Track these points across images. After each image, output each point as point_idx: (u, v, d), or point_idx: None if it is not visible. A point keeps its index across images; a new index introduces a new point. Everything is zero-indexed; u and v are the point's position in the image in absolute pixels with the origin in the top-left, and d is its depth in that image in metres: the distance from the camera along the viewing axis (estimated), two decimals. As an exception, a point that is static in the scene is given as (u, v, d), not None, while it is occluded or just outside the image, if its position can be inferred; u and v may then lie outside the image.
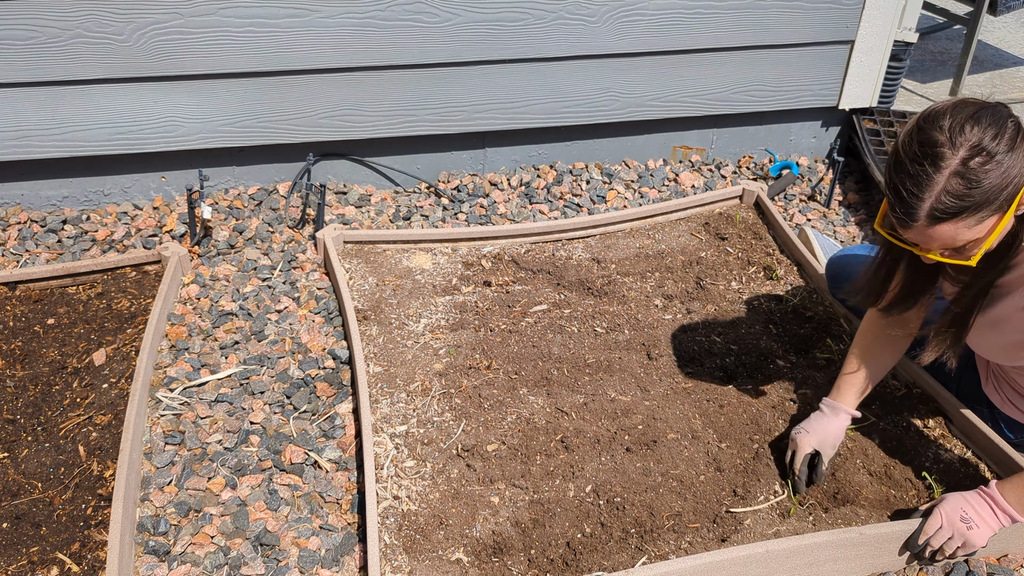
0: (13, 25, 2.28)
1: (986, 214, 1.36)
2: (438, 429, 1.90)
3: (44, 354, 2.07)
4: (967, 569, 1.64)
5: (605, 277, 2.42)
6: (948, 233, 1.38)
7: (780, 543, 1.55)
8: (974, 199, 1.34)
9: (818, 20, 2.86)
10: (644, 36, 2.75)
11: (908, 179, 1.37)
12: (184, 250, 2.37)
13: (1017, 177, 1.34)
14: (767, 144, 3.20)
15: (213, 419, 1.93)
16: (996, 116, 1.35)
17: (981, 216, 1.36)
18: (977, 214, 1.36)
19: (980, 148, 1.33)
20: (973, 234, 1.39)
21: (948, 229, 1.38)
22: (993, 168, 1.33)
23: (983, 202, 1.34)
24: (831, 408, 1.79)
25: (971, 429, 1.86)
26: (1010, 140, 1.34)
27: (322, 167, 2.84)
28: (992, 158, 1.33)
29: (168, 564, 1.61)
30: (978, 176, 1.33)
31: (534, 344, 2.14)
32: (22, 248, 2.49)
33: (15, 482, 1.74)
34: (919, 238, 1.43)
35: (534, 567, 1.61)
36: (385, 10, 2.50)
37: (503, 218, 2.80)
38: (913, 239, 1.45)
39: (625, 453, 1.83)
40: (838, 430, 1.77)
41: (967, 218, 1.36)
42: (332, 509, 1.74)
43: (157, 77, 2.47)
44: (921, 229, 1.40)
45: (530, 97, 2.79)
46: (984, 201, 1.34)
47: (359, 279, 2.40)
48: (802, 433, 1.77)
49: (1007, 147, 1.33)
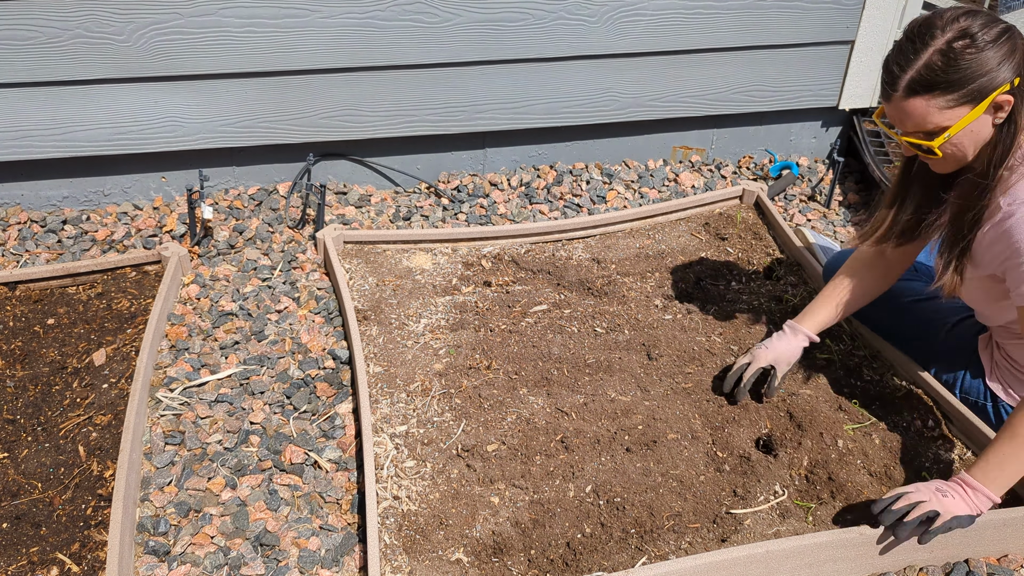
0: (13, 25, 2.28)
1: (958, 98, 1.46)
2: (438, 429, 1.90)
3: (44, 354, 2.07)
4: (967, 569, 1.64)
5: (605, 277, 2.42)
6: (920, 110, 1.49)
7: (780, 543, 1.55)
8: (948, 77, 1.44)
9: (818, 20, 2.86)
10: (644, 36, 2.75)
11: (900, 54, 1.50)
12: (184, 250, 2.37)
13: (993, 71, 1.44)
14: (767, 144, 3.20)
15: (213, 419, 1.93)
16: (991, 17, 1.47)
17: (952, 99, 1.46)
18: (948, 95, 1.46)
19: (966, 33, 1.44)
20: (942, 118, 1.48)
21: (920, 105, 1.49)
22: (974, 53, 1.43)
23: (956, 82, 1.45)
24: (792, 329, 1.93)
25: (971, 429, 1.86)
26: (996, 36, 1.44)
27: (322, 167, 2.84)
28: (974, 43, 1.43)
29: (168, 564, 1.61)
30: (957, 56, 1.43)
31: (534, 344, 2.14)
32: (22, 248, 2.49)
33: (15, 482, 1.74)
34: (896, 114, 1.54)
35: (534, 567, 1.61)
36: (385, 10, 2.50)
37: (503, 218, 2.80)
38: (891, 115, 1.55)
39: (625, 453, 1.83)
40: (795, 349, 1.91)
41: (938, 97, 1.47)
42: (332, 509, 1.74)
43: (157, 77, 2.47)
44: (898, 102, 1.51)
45: (530, 97, 2.79)
46: (957, 81, 1.44)
47: (359, 279, 2.40)
48: (761, 348, 1.92)
49: (991, 40, 1.43)
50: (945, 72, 1.44)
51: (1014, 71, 1.45)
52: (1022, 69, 1.46)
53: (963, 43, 1.43)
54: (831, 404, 1.96)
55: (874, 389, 2.03)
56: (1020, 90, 1.47)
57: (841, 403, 1.97)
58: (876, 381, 2.05)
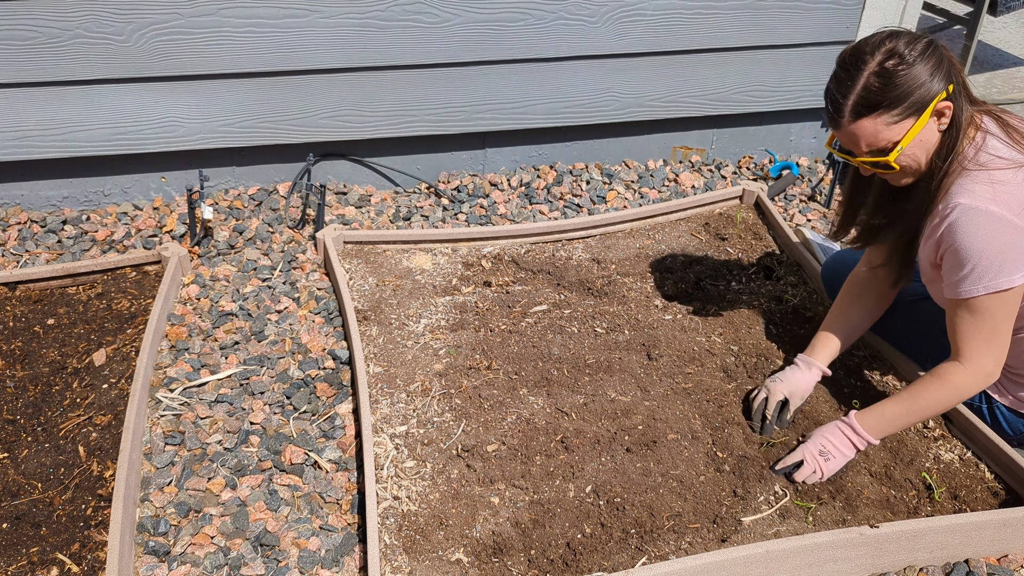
0: (13, 25, 2.28)
1: (901, 112, 1.55)
2: (438, 429, 1.90)
3: (44, 354, 2.07)
4: (967, 569, 1.64)
5: (605, 277, 2.42)
6: (869, 129, 1.58)
7: (780, 543, 1.55)
8: (887, 95, 1.54)
9: (818, 20, 2.86)
10: (644, 36, 2.75)
11: (838, 84, 1.60)
12: (184, 250, 2.37)
13: (928, 82, 1.54)
14: (767, 144, 3.20)
15: (213, 419, 1.93)
16: (912, 35, 1.58)
17: (896, 114, 1.55)
18: (892, 110, 1.55)
19: (894, 53, 1.55)
20: (891, 133, 1.58)
21: (869, 125, 1.57)
22: (905, 69, 1.53)
23: (896, 98, 1.54)
24: (805, 363, 1.95)
25: (971, 429, 1.86)
26: (922, 51, 1.54)
27: (322, 167, 2.84)
28: (903, 61, 1.54)
29: (168, 564, 1.61)
30: (892, 75, 1.54)
31: (534, 344, 2.14)
32: (22, 248, 2.49)
33: (15, 482, 1.74)
34: (848, 139, 1.63)
35: (534, 567, 1.61)
36: (385, 10, 2.50)
37: (503, 218, 2.80)
38: (844, 142, 1.64)
39: (625, 453, 1.83)
40: (808, 383, 1.93)
41: (883, 114, 1.56)
42: (332, 509, 1.74)
43: (157, 77, 2.47)
44: (847, 127, 1.60)
45: (530, 97, 2.79)
46: (897, 97, 1.54)
47: (359, 279, 2.40)
48: (776, 382, 1.93)
49: (918, 55, 1.54)
50: (883, 91, 1.54)
51: (946, 79, 1.56)
52: (951, 76, 1.56)
53: (893, 62, 1.54)
54: (831, 404, 1.96)
55: (874, 389, 2.03)
56: (955, 95, 1.58)
57: (841, 403, 1.97)
58: (876, 382, 2.05)
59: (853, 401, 1.97)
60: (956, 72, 1.59)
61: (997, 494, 1.77)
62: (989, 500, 1.76)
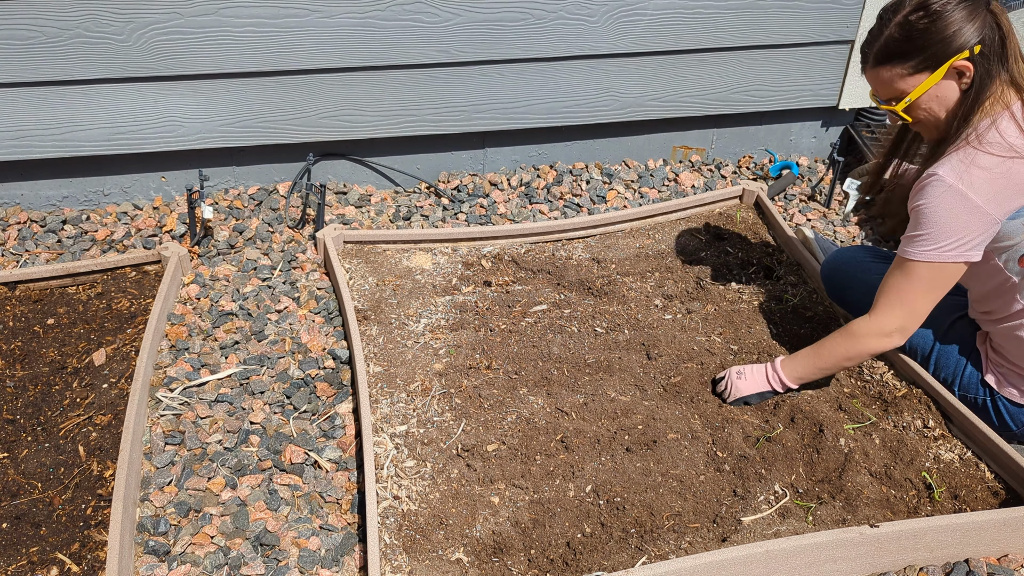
0: (13, 25, 2.28)
1: (915, 66, 1.60)
2: (438, 429, 1.90)
3: (44, 354, 2.07)
4: (967, 569, 1.64)
5: (605, 277, 2.42)
6: (886, 78, 1.64)
7: (780, 543, 1.55)
8: (904, 48, 1.59)
9: (818, 20, 2.86)
10: (644, 36, 2.75)
11: (871, 32, 1.65)
12: (184, 250, 2.37)
13: (949, 39, 1.55)
14: (767, 144, 3.20)
15: (213, 419, 1.93)
16: None
17: (910, 66, 1.60)
18: (906, 63, 1.60)
19: (923, 5, 1.56)
20: (905, 85, 1.63)
21: (886, 74, 1.64)
22: (927, 24, 1.56)
23: (911, 52, 1.58)
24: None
25: (971, 429, 1.86)
26: (954, 7, 1.55)
27: (322, 167, 2.84)
28: (928, 14, 1.55)
29: (168, 564, 1.61)
30: (912, 28, 1.57)
31: (534, 344, 2.14)
32: (22, 248, 2.49)
33: (15, 482, 1.74)
34: (872, 81, 1.69)
35: (534, 567, 1.61)
36: (385, 10, 2.50)
37: (503, 218, 2.79)
38: (870, 84, 1.70)
39: (625, 453, 1.83)
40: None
41: (897, 66, 1.61)
42: (332, 509, 1.74)
43: (157, 77, 2.47)
44: (871, 72, 1.67)
45: (530, 97, 2.79)
46: (912, 51, 1.58)
47: (359, 279, 2.40)
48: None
49: (946, 10, 1.54)
50: (901, 43, 1.59)
51: (975, 37, 1.56)
52: (985, 36, 1.55)
53: (918, 15, 1.56)
54: (831, 404, 1.96)
55: (874, 389, 2.03)
56: (980, 57, 1.56)
57: (841, 403, 1.97)
58: (876, 381, 2.05)
59: (853, 401, 1.97)
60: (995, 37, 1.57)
61: (997, 494, 1.77)
62: (989, 500, 1.76)
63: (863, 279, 2.06)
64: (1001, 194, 1.60)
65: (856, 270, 2.10)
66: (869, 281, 2.05)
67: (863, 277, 2.06)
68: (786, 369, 1.92)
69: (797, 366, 1.92)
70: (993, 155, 1.59)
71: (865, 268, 2.08)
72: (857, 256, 2.14)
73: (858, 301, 2.09)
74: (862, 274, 2.08)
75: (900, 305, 1.73)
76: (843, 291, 2.15)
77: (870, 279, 2.05)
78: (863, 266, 2.09)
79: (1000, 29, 1.56)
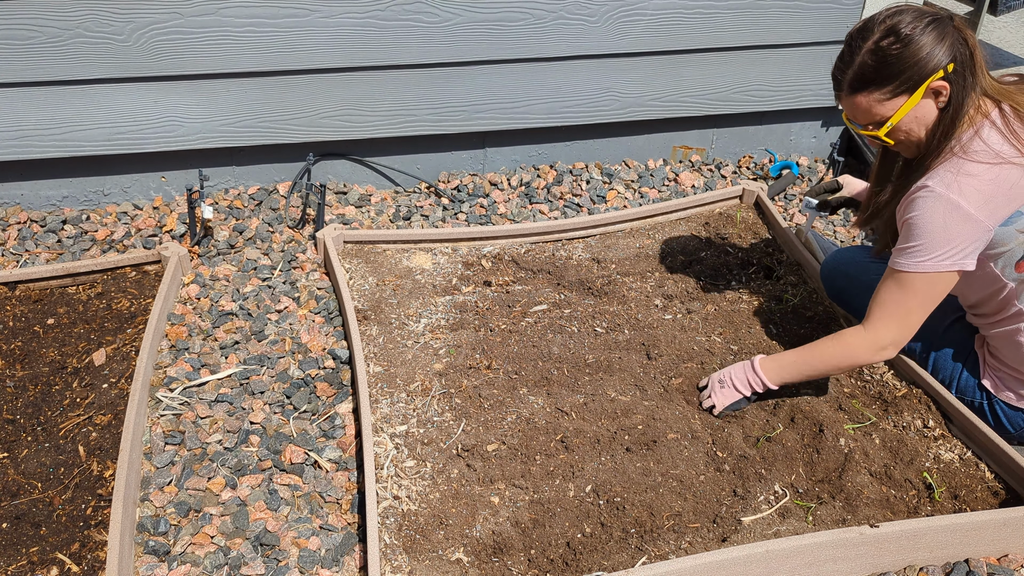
0: (13, 25, 2.28)
1: (892, 90, 1.59)
2: (438, 429, 1.90)
3: (44, 354, 2.07)
4: (967, 569, 1.64)
5: (605, 277, 2.42)
6: (864, 105, 1.64)
7: (780, 543, 1.55)
8: (879, 74, 1.59)
9: (818, 20, 2.86)
10: (644, 36, 2.75)
11: (841, 59, 1.65)
12: (184, 250, 2.37)
13: (922, 61, 1.55)
14: (767, 144, 3.20)
15: (213, 419, 1.93)
16: (919, 11, 1.58)
17: (887, 91, 1.60)
18: (883, 88, 1.60)
19: (892, 31, 1.56)
20: (884, 110, 1.63)
21: (863, 101, 1.63)
22: (899, 49, 1.55)
23: (887, 77, 1.58)
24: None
25: (971, 429, 1.86)
26: (922, 29, 1.55)
27: (322, 167, 2.84)
28: (899, 39, 1.55)
29: (168, 564, 1.61)
30: (886, 55, 1.57)
31: (534, 344, 2.14)
32: (22, 248, 2.49)
33: (15, 482, 1.74)
34: (849, 109, 1.68)
35: (534, 567, 1.61)
36: (385, 10, 2.50)
37: (503, 218, 2.79)
38: (846, 111, 1.70)
39: (625, 453, 1.83)
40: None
41: (874, 92, 1.61)
42: (332, 509, 1.74)
43: (157, 77, 2.47)
44: (846, 100, 1.67)
45: (530, 97, 2.79)
46: (888, 76, 1.58)
47: (359, 279, 2.40)
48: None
49: (916, 33, 1.55)
50: (877, 69, 1.58)
51: (947, 57, 1.56)
52: (956, 54, 1.56)
53: (889, 40, 1.56)
54: (831, 404, 1.96)
55: (874, 389, 2.03)
56: (955, 75, 1.58)
57: (841, 403, 1.97)
58: (876, 381, 2.05)
59: (853, 401, 1.97)
60: (965, 53, 1.58)
61: (997, 494, 1.77)
62: (989, 500, 1.76)
63: (863, 279, 2.06)
64: (992, 202, 1.60)
65: (856, 270, 2.11)
66: (869, 281, 2.05)
67: (863, 277, 2.06)
68: (769, 372, 1.87)
69: (781, 370, 1.86)
70: (981, 163, 1.60)
71: (865, 268, 2.08)
72: (857, 256, 2.14)
73: (858, 301, 2.09)
74: (862, 274, 2.08)
75: (895, 318, 1.72)
76: (843, 291, 2.15)
77: (870, 279, 2.05)
78: (863, 266, 2.09)
79: (967, 44, 1.58)
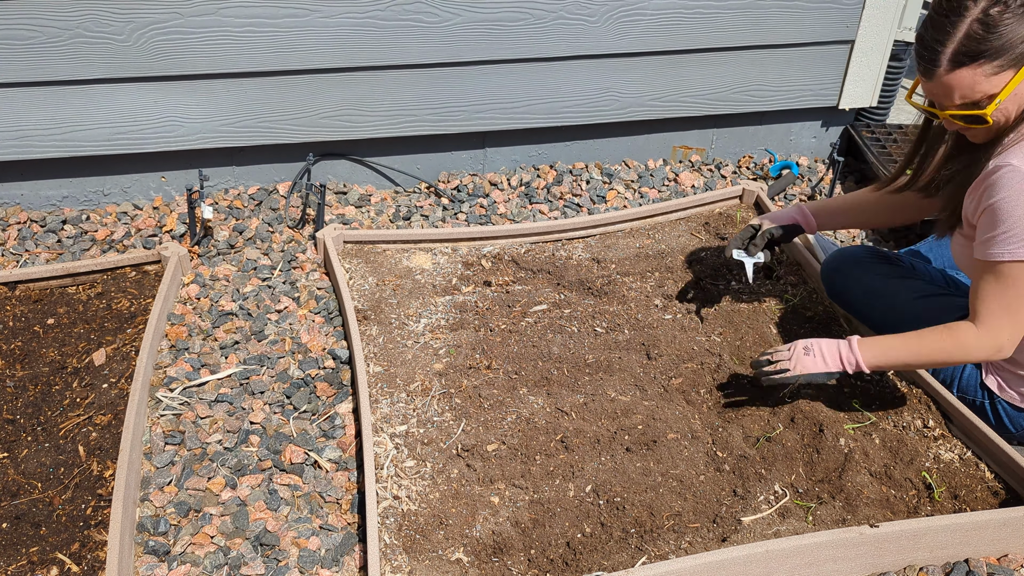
0: (13, 25, 2.28)
1: (1003, 64, 1.47)
2: (438, 429, 1.90)
3: (44, 354, 2.07)
4: (967, 569, 1.64)
5: (605, 277, 2.42)
6: (967, 80, 1.49)
7: (780, 543, 1.55)
8: (992, 44, 1.45)
9: (818, 20, 2.86)
10: (644, 36, 2.75)
11: (934, 29, 1.50)
12: (184, 250, 2.37)
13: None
14: (767, 144, 3.20)
15: (213, 419, 1.93)
16: None
17: (997, 65, 1.47)
18: (994, 61, 1.47)
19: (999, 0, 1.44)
20: (990, 85, 1.49)
21: (967, 76, 1.49)
22: (1011, 17, 1.44)
23: (1000, 48, 1.45)
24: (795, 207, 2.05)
25: (971, 429, 1.86)
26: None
27: (322, 167, 2.84)
28: (1009, 8, 1.44)
29: (168, 564, 1.61)
30: (997, 22, 1.44)
31: (534, 344, 2.14)
32: (22, 248, 2.49)
33: (15, 482, 1.74)
34: (940, 90, 1.54)
35: (534, 567, 1.61)
36: (385, 10, 2.50)
37: (503, 218, 2.80)
38: (934, 92, 1.56)
39: (625, 453, 1.83)
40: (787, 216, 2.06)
41: (984, 64, 1.47)
42: (332, 509, 1.74)
43: (157, 77, 2.47)
44: (942, 78, 1.51)
45: (530, 97, 2.79)
46: (1001, 47, 1.45)
47: (359, 279, 2.40)
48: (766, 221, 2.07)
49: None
50: (987, 40, 1.46)
51: None
52: None
53: (999, 9, 1.45)
54: (831, 404, 1.96)
55: (874, 389, 2.03)
56: None
57: (841, 403, 1.97)
58: (876, 381, 2.05)
59: (853, 401, 1.97)
60: None
61: (997, 494, 1.77)
62: (989, 500, 1.76)
63: (863, 279, 2.06)
64: None
65: (856, 270, 2.10)
66: (869, 281, 2.05)
67: (863, 277, 2.06)
68: (866, 353, 1.72)
69: (882, 354, 1.72)
70: None
71: (865, 268, 2.08)
72: (857, 256, 2.14)
73: (858, 301, 2.09)
74: (862, 274, 2.07)
75: (1006, 313, 1.59)
76: (843, 291, 2.15)
77: (870, 279, 2.05)
78: (863, 266, 2.09)
79: None
